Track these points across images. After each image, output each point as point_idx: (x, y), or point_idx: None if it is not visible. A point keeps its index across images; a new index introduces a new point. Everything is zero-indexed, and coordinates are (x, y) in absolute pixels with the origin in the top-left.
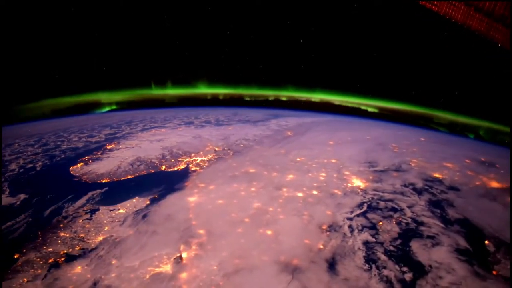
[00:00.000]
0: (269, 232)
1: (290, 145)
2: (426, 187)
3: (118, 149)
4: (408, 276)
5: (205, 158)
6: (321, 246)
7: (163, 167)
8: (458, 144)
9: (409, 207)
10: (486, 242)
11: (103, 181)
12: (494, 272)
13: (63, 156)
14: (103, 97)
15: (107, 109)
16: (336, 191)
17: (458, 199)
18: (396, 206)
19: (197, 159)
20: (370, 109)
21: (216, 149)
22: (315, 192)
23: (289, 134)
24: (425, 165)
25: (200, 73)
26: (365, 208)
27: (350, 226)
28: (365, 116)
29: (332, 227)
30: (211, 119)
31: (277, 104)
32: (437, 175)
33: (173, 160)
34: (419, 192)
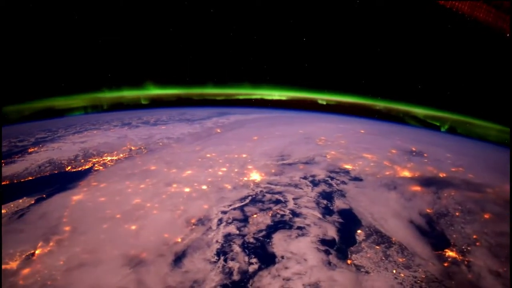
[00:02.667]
0: (133, 227)
1: (210, 142)
2: (327, 178)
3: (38, 152)
4: (252, 267)
5: (115, 158)
6: (179, 240)
7: (69, 168)
8: (401, 135)
9: (295, 199)
10: (358, 231)
11: (3, 183)
12: (348, 262)
13: None
14: (71, 102)
15: (79, 112)
16: (227, 185)
17: (354, 190)
18: (281, 199)
19: (107, 159)
20: (326, 103)
21: (132, 148)
22: (204, 187)
23: (218, 131)
24: (341, 157)
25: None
26: (247, 201)
27: (220, 220)
28: (327, 111)
29: (201, 221)
30: (151, 120)
31: (238, 102)
32: (347, 166)
33: (82, 160)
34: (316, 184)
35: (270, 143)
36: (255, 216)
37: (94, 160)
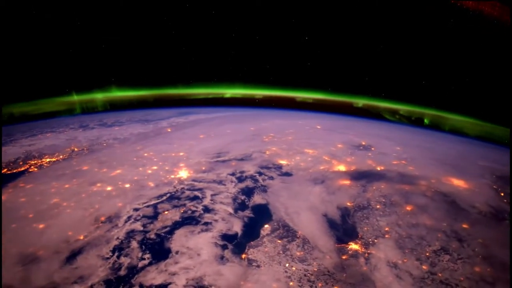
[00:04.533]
0: (41, 226)
1: (154, 141)
2: (255, 174)
3: None
4: (142, 263)
5: (54, 159)
6: (81, 237)
7: (5, 170)
8: (359, 130)
9: (213, 195)
10: (266, 226)
11: None
12: (243, 256)
13: None
14: (43, 106)
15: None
16: (150, 183)
17: (279, 185)
18: (199, 195)
19: (45, 160)
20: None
21: (75, 149)
22: (127, 186)
23: (168, 130)
24: (280, 153)
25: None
26: (164, 198)
27: (129, 217)
28: (303, 109)
29: (110, 218)
30: (108, 121)
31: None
32: (282, 162)
33: (21, 163)
34: (242, 180)
35: (214, 141)
36: (166, 212)
37: (33, 162)
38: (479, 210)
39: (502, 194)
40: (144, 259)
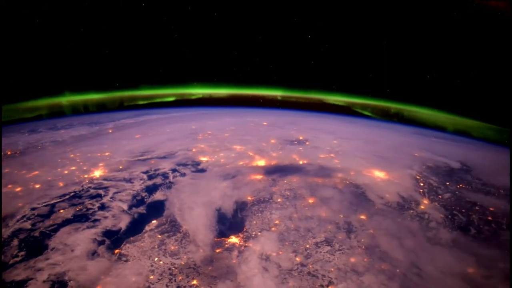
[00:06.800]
0: None
1: (87, 143)
2: (169, 171)
3: None
4: (14, 260)
5: None
6: None
7: None
8: (305, 125)
9: (116, 193)
10: (153, 221)
11: None
12: (116, 251)
13: None
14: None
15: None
16: (60, 183)
17: (187, 181)
18: (102, 193)
19: None
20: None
21: (8, 153)
22: (37, 186)
23: (110, 131)
24: (207, 150)
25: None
26: (67, 197)
27: (23, 216)
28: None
29: (4, 218)
30: (59, 125)
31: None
32: (203, 159)
33: None
34: (152, 177)
35: (146, 140)
36: (61, 211)
37: None
38: (386, 201)
39: (422, 184)
40: (17, 256)
